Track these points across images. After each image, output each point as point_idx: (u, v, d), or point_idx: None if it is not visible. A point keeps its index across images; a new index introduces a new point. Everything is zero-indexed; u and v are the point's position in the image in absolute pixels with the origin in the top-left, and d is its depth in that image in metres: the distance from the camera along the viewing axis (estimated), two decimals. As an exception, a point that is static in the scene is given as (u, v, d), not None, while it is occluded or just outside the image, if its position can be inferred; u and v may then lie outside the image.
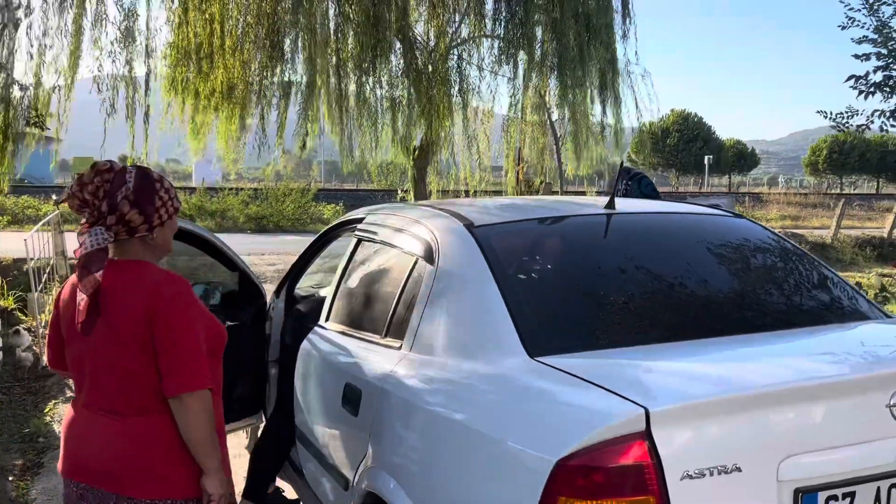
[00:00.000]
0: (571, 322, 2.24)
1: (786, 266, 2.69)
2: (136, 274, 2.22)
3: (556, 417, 1.83)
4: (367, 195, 32.14)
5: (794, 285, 2.59)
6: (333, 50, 9.42)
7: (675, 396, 1.73)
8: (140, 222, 2.23)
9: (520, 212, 2.98)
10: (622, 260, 2.52)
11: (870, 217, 34.29)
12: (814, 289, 2.60)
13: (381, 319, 2.84)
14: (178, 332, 2.15)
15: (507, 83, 10.36)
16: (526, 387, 1.99)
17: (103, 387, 2.18)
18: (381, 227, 3.15)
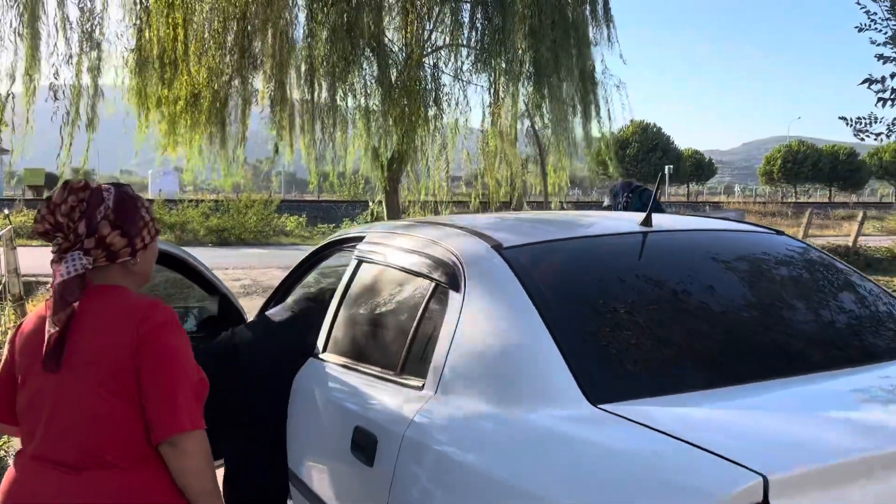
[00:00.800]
0: (635, 360, 1.93)
1: (855, 291, 2.43)
2: (117, 301, 1.92)
3: (643, 486, 1.51)
4: (329, 206, 31.69)
5: (869, 312, 2.33)
6: (305, 57, 9.05)
7: (796, 459, 1.43)
8: (122, 245, 1.94)
9: (547, 230, 2.68)
10: (680, 285, 2.23)
11: (827, 225, 34.94)
12: (888, 315, 2.34)
13: (394, 353, 2.50)
14: (169, 366, 1.86)
15: (484, 92, 10.10)
16: (596, 444, 1.67)
17: (64, 435, 1.84)
18: (387, 247, 2.81)
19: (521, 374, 1.94)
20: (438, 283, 2.39)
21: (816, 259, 2.55)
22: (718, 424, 1.64)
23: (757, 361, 1.97)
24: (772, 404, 1.78)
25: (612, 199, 4.56)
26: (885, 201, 64.63)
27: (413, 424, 2.14)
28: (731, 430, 1.60)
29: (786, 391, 1.83)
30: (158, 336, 1.86)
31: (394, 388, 2.38)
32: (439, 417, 2.10)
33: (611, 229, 2.59)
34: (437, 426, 2.09)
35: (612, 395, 1.79)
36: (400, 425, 2.19)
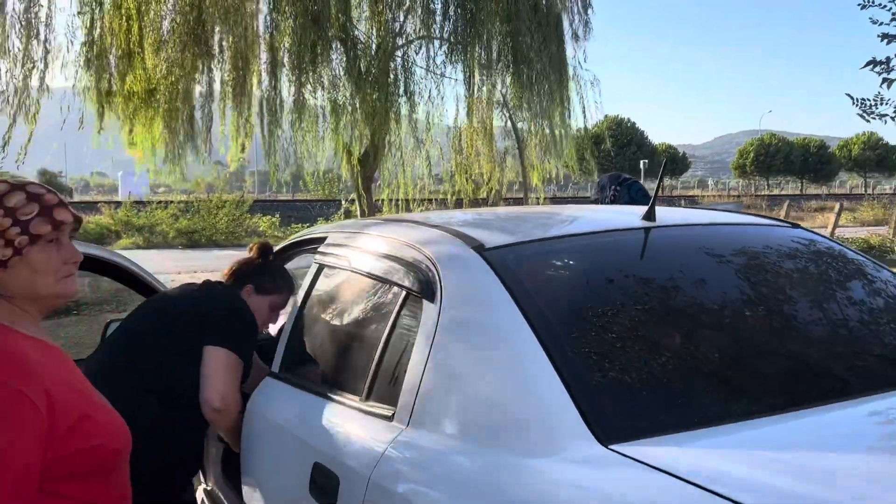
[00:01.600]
0: (652, 388, 1.56)
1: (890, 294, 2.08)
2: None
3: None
4: (303, 205, 31.14)
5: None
6: (268, 47, 8.59)
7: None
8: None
9: (534, 228, 2.31)
10: (701, 294, 1.86)
11: (801, 217, 35.05)
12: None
13: (358, 376, 2.13)
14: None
15: (459, 85, 9.72)
16: (610, 498, 1.31)
17: None
18: (352, 249, 2.43)
19: (513, 405, 1.57)
20: (410, 292, 2.02)
21: (850, 258, 2.20)
22: (755, 470, 1.28)
23: (800, 386, 1.62)
24: (820, 440, 1.44)
25: (599, 192, 4.22)
26: (855, 192, 65.36)
27: (381, 464, 1.77)
28: (770, 481, 1.24)
29: (829, 421, 1.48)
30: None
31: (359, 418, 2.01)
32: (412, 456, 1.73)
33: (609, 225, 2.22)
34: (409, 467, 1.72)
35: (626, 432, 1.43)
36: (365, 464, 1.82)
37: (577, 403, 1.49)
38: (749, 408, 1.52)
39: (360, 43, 9.50)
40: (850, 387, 1.65)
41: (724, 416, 1.49)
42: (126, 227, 22.23)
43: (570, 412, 1.47)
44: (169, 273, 13.74)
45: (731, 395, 1.56)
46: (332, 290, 2.53)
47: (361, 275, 2.31)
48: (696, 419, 1.47)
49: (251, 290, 2.82)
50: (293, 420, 2.30)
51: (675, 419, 1.47)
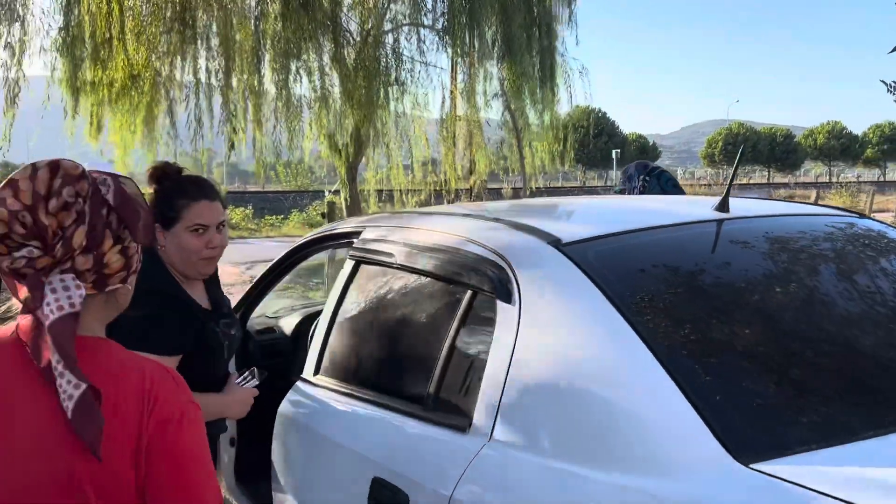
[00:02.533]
0: (787, 398, 1.41)
1: None
2: (110, 365, 1.23)
3: None
4: (276, 197, 30.66)
5: None
6: (255, 35, 8.30)
7: None
8: (119, 267, 1.26)
9: (603, 219, 2.14)
10: (813, 293, 1.72)
11: (772, 205, 35.37)
12: None
13: (419, 382, 1.95)
14: (190, 481, 1.23)
15: (446, 74, 9.51)
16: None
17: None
18: (397, 244, 2.25)
19: (625, 421, 1.41)
20: (478, 291, 1.85)
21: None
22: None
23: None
24: None
25: (626, 181, 4.07)
26: (821, 181, 66.47)
27: (464, 481, 1.61)
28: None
29: None
30: (175, 437, 1.21)
31: (424, 429, 1.84)
32: (502, 474, 1.57)
33: (687, 217, 2.06)
34: (500, 487, 1.56)
35: (766, 449, 1.29)
36: (443, 482, 1.65)
37: (703, 416, 1.33)
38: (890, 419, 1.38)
39: (346, 30, 9.25)
40: None
41: (868, 428, 1.35)
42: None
43: (699, 427, 1.32)
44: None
45: (877, 404, 1.42)
46: (376, 289, 2.34)
47: (414, 273, 2.13)
48: (844, 432, 1.33)
49: (159, 228, 2.16)
50: (342, 429, 2.12)
51: (818, 433, 1.32)
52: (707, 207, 2.11)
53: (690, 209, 2.20)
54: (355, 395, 2.15)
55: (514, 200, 3.09)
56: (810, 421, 1.35)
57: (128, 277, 1.28)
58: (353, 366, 2.29)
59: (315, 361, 2.41)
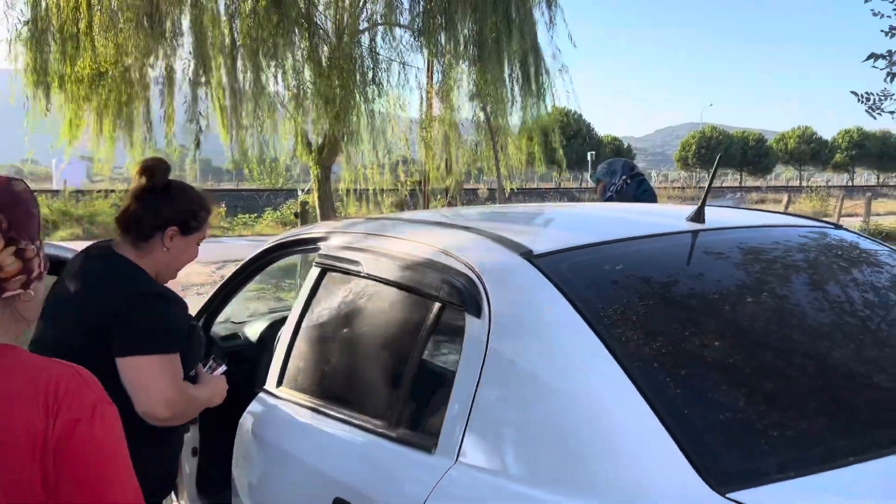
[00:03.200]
0: (768, 421, 1.35)
1: None
2: (12, 368, 1.20)
3: None
4: (250, 195, 30.35)
5: None
6: (228, 32, 8.14)
7: None
8: (15, 271, 1.23)
9: (576, 230, 2.08)
10: (793, 310, 1.66)
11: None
12: None
13: (384, 398, 1.88)
14: (101, 481, 1.19)
15: (422, 74, 9.42)
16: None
17: None
18: (364, 252, 2.17)
19: (597, 444, 1.35)
20: (447, 304, 1.78)
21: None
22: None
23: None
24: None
25: (608, 175, 3.97)
26: (791, 185, 67.39)
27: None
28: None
29: None
30: (86, 436, 1.17)
31: (389, 447, 1.76)
32: (469, 496, 1.49)
33: (662, 227, 2.01)
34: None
35: (742, 477, 1.23)
36: (406, 503, 1.58)
37: (678, 442, 1.27)
38: (879, 442, 1.33)
39: (321, 28, 9.12)
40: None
41: (853, 452, 1.29)
42: (64, 218, 21.25)
43: (673, 453, 1.26)
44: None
45: (858, 429, 1.37)
46: (342, 298, 2.26)
47: (381, 283, 2.05)
48: (822, 458, 1.27)
49: (175, 232, 2.13)
50: (304, 446, 2.03)
51: (797, 460, 1.27)
52: (681, 218, 2.06)
53: (665, 220, 2.15)
54: (318, 410, 2.07)
55: (487, 207, 3.02)
56: (792, 446, 1.30)
57: (29, 283, 1.24)
58: (317, 378, 2.21)
59: (278, 372, 2.32)
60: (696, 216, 2.02)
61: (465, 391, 1.59)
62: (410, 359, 1.82)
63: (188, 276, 12.65)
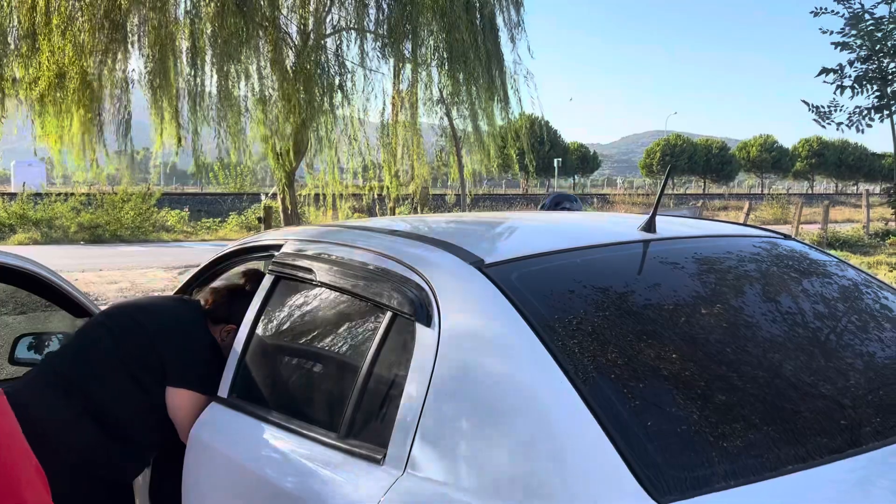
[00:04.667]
0: (711, 429, 1.36)
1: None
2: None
3: None
4: (214, 199, 30.02)
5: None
6: (189, 33, 8.04)
7: None
8: None
9: (529, 238, 2.09)
10: (741, 319, 1.68)
11: (706, 216, 36.37)
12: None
13: (333, 408, 1.86)
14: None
15: (387, 80, 9.41)
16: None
17: None
18: (317, 261, 2.15)
19: (541, 454, 1.35)
20: (397, 314, 1.77)
21: (859, 278, 2.09)
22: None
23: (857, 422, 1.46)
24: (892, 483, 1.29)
25: (541, 209, 4.02)
26: (753, 192, 68.60)
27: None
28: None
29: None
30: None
31: (338, 458, 1.75)
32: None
33: (613, 237, 2.03)
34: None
35: (682, 485, 1.24)
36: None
37: (619, 449, 1.28)
38: (817, 451, 1.35)
39: (285, 32, 9.06)
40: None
41: (792, 460, 1.31)
42: (22, 221, 20.77)
43: (614, 461, 1.27)
44: (72, 271, 12.87)
45: (796, 437, 1.38)
46: (294, 307, 2.24)
47: (333, 291, 2.04)
48: (763, 466, 1.29)
49: (233, 329, 2.42)
50: (253, 456, 2.00)
51: (736, 468, 1.28)
52: (633, 228, 2.08)
53: (617, 229, 2.17)
54: (269, 420, 2.04)
55: (444, 215, 3.01)
56: (734, 454, 1.31)
57: None
58: (268, 387, 2.18)
59: (230, 381, 2.29)
60: (648, 226, 2.04)
61: (415, 402, 1.59)
62: (360, 368, 1.80)
63: (149, 281, 12.46)
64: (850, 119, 6.81)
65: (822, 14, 6.38)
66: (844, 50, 6.36)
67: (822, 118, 6.65)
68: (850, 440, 1.40)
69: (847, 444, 1.39)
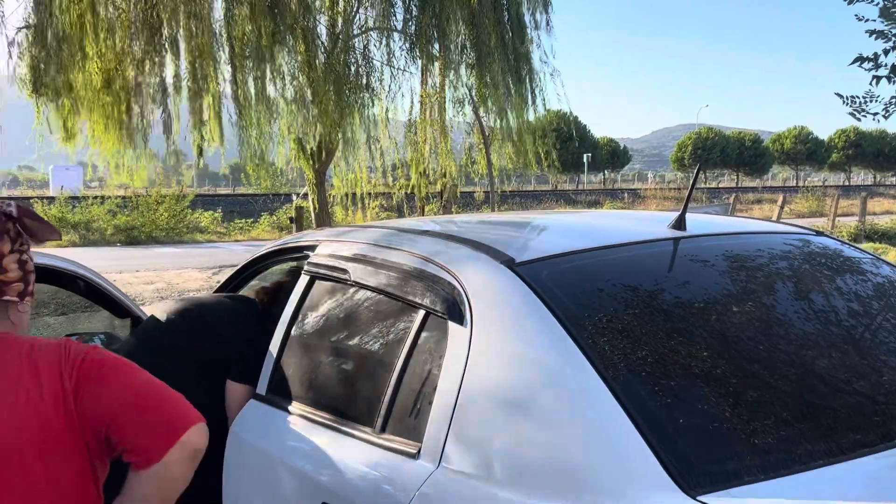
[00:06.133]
0: (741, 423, 1.38)
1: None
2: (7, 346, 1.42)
3: None
4: (246, 200, 30.38)
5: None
6: (224, 40, 8.17)
7: None
8: (16, 277, 1.45)
9: (559, 237, 2.12)
10: (774, 316, 1.69)
11: (740, 209, 35.93)
12: None
13: (370, 404, 1.91)
14: (135, 379, 1.49)
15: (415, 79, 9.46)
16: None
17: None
18: (351, 261, 2.20)
19: (573, 449, 1.38)
20: (431, 312, 1.81)
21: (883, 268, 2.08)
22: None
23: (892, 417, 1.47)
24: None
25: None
26: (788, 185, 67.49)
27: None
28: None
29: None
30: (104, 364, 1.46)
31: (375, 453, 1.79)
32: (450, 502, 1.53)
33: (643, 235, 2.04)
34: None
35: (714, 479, 1.26)
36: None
37: (650, 444, 1.31)
38: (848, 445, 1.36)
39: (314, 34, 9.15)
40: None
41: (822, 455, 1.33)
42: (61, 224, 21.24)
43: (646, 455, 1.29)
44: (109, 273, 13.15)
45: (827, 432, 1.40)
46: (330, 305, 2.29)
47: (368, 290, 2.09)
48: (796, 459, 1.30)
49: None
50: (293, 451, 2.06)
51: (768, 462, 1.30)
52: (663, 225, 2.10)
53: (647, 227, 2.18)
54: (307, 416, 2.10)
55: (474, 215, 3.05)
56: (764, 449, 1.33)
57: (25, 294, 1.38)
58: (306, 385, 2.24)
59: (268, 379, 2.36)
60: (678, 224, 2.06)
61: (448, 397, 1.63)
62: (395, 366, 1.85)
63: (185, 281, 12.68)
64: (886, 110, 6.65)
65: (855, 2, 6.25)
66: (880, 38, 6.21)
67: (857, 111, 6.51)
68: (883, 434, 1.41)
69: (880, 439, 1.40)
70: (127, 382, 1.46)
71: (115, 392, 1.43)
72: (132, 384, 1.46)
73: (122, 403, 1.43)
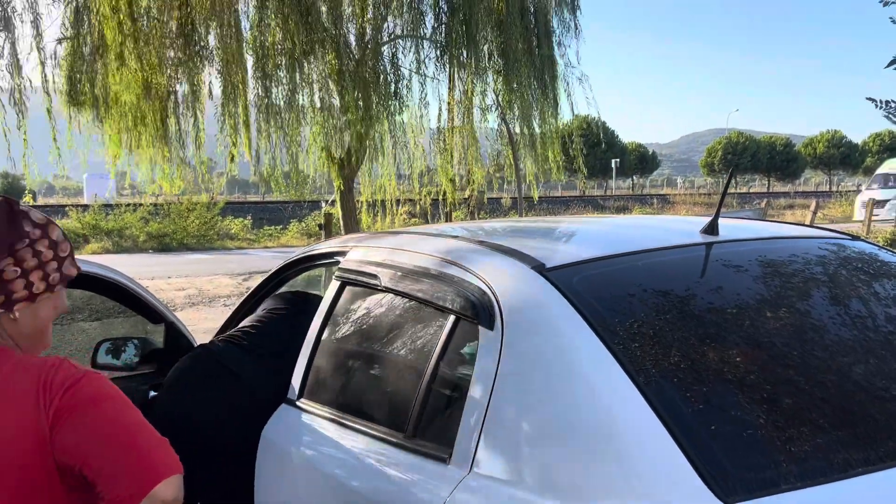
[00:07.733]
0: (776, 431, 1.36)
1: None
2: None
3: None
4: (276, 207, 30.64)
5: None
6: (257, 48, 8.28)
7: None
8: (21, 286, 1.37)
9: (589, 242, 2.11)
10: (811, 322, 1.68)
11: (771, 215, 35.43)
12: None
13: (400, 409, 1.92)
14: (120, 417, 1.39)
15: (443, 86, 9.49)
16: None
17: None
18: (381, 266, 2.22)
19: (605, 456, 1.38)
20: (461, 317, 1.82)
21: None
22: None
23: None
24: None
25: None
26: (821, 190, 66.38)
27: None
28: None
29: None
30: (92, 398, 1.36)
31: (404, 458, 1.80)
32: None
33: (675, 240, 2.03)
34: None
35: (749, 486, 1.25)
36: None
37: (684, 450, 1.30)
38: (887, 453, 1.34)
39: (344, 43, 9.24)
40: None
41: (861, 463, 1.31)
42: (94, 231, 21.62)
43: (679, 462, 1.28)
44: (142, 279, 13.36)
45: (866, 440, 1.38)
46: (360, 310, 2.31)
47: (398, 296, 2.10)
48: (828, 469, 1.29)
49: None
50: (325, 456, 2.08)
51: (803, 469, 1.28)
52: (695, 230, 2.08)
53: (678, 232, 2.17)
54: (337, 421, 2.11)
55: (503, 220, 3.04)
56: (800, 456, 1.31)
57: (10, 304, 1.36)
58: (337, 390, 2.25)
59: (300, 384, 2.38)
60: (710, 228, 2.04)
61: (479, 402, 1.63)
62: (425, 370, 1.85)
63: (216, 287, 12.84)
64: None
65: (891, 4, 6.14)
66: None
67: (892, 113, 6.36)
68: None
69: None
70: (108, 422, 1.36)
71: (93, 431, 1.35)
72: (113, 424, 1.37)
73: (98, 445, 1.34)
